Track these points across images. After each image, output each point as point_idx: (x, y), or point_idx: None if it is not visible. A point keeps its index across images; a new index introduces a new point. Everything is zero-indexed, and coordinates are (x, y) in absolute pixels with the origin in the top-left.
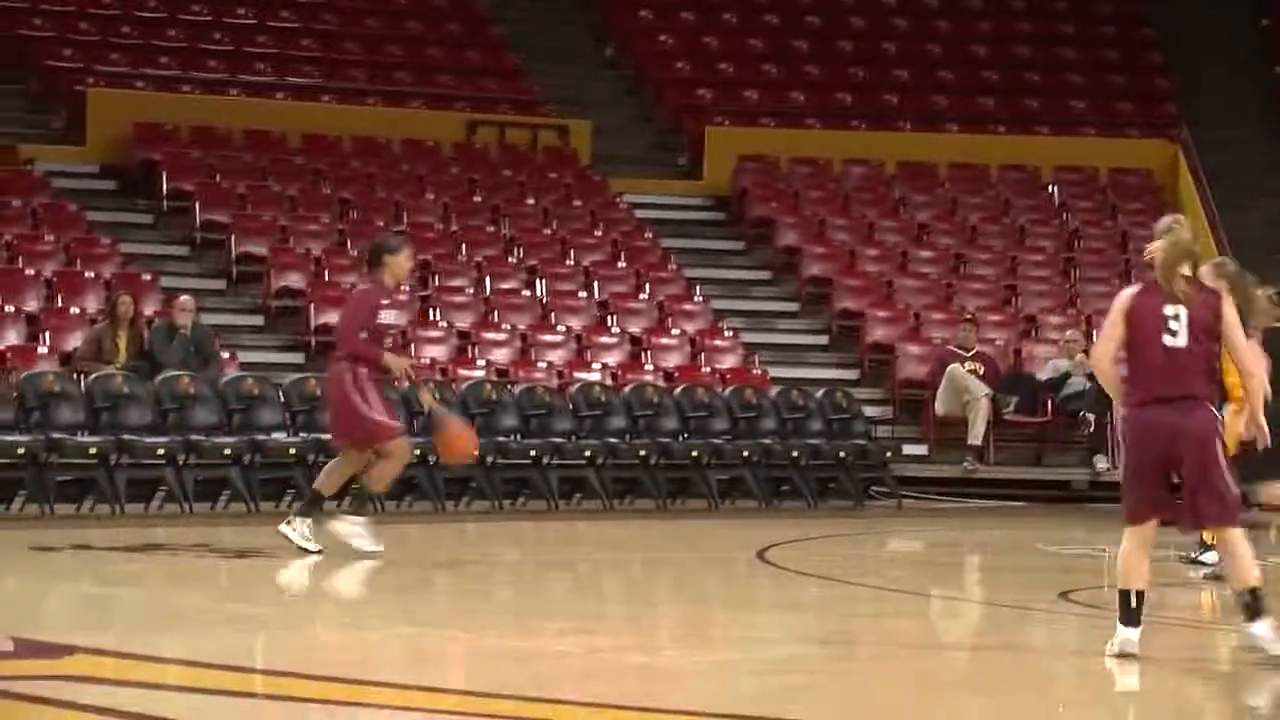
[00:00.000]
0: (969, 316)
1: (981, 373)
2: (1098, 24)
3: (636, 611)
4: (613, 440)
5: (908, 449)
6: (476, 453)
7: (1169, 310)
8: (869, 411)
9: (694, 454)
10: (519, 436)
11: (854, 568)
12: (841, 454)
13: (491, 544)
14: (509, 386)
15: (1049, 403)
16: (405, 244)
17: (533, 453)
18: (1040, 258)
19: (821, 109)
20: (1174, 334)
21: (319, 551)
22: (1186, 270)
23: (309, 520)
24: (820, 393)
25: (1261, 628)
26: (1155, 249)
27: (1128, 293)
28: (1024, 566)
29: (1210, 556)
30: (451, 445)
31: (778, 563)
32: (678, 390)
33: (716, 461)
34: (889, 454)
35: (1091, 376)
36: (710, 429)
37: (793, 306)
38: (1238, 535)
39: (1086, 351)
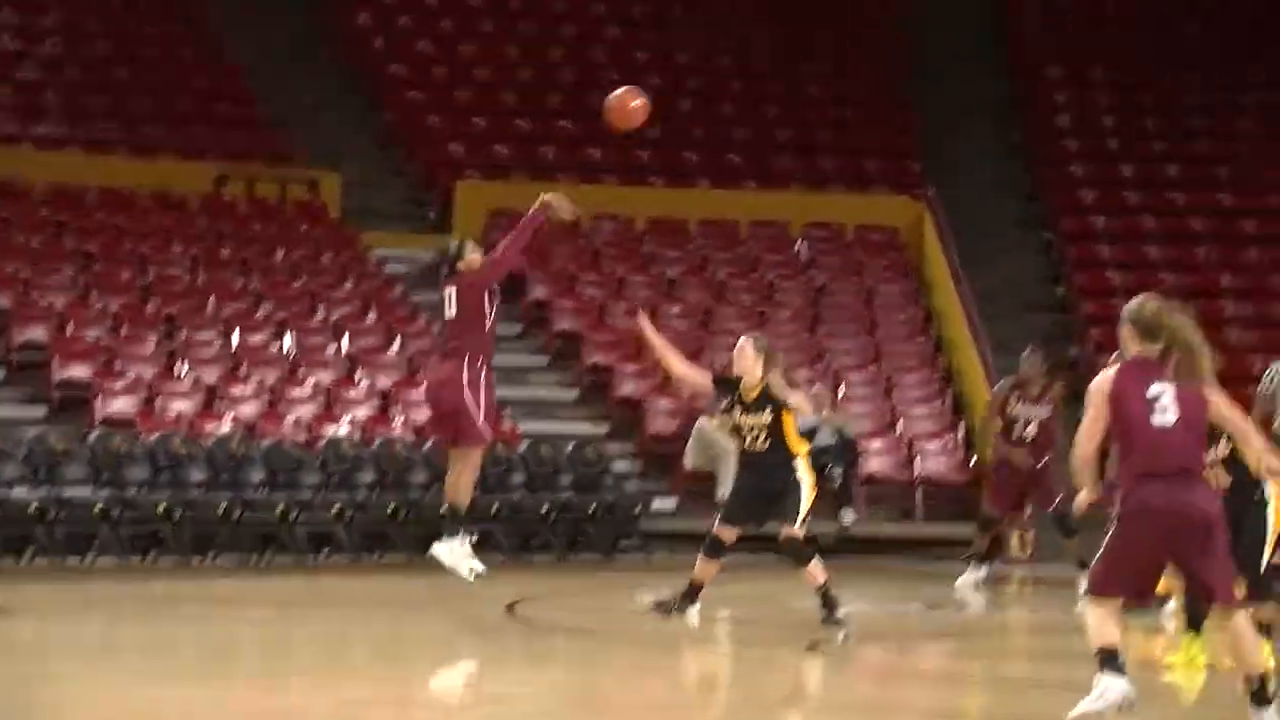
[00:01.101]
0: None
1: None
2: (847, 82)
3: (386, 667)
4: (361, 495)
5: (657, 503)
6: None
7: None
8: (619, 465)
9: (442, 509)
10: (266, 491)
11: (603, 622)
12: (590, 508)
13: (240, 599)
14: (256, 441)
15: None
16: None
17: (280, 508)
18: (788, 313)
19: (573, 164)
20: (1163, 411)
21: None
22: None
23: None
24: (570, 447)
25: (1270, 714)
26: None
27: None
28: (773, 620)
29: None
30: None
31: (528, 617)
32: (427, 445)
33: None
34: (638, 508)
35: (840, 431)
36: None
37: (542, 360)
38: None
39: (834, 406)
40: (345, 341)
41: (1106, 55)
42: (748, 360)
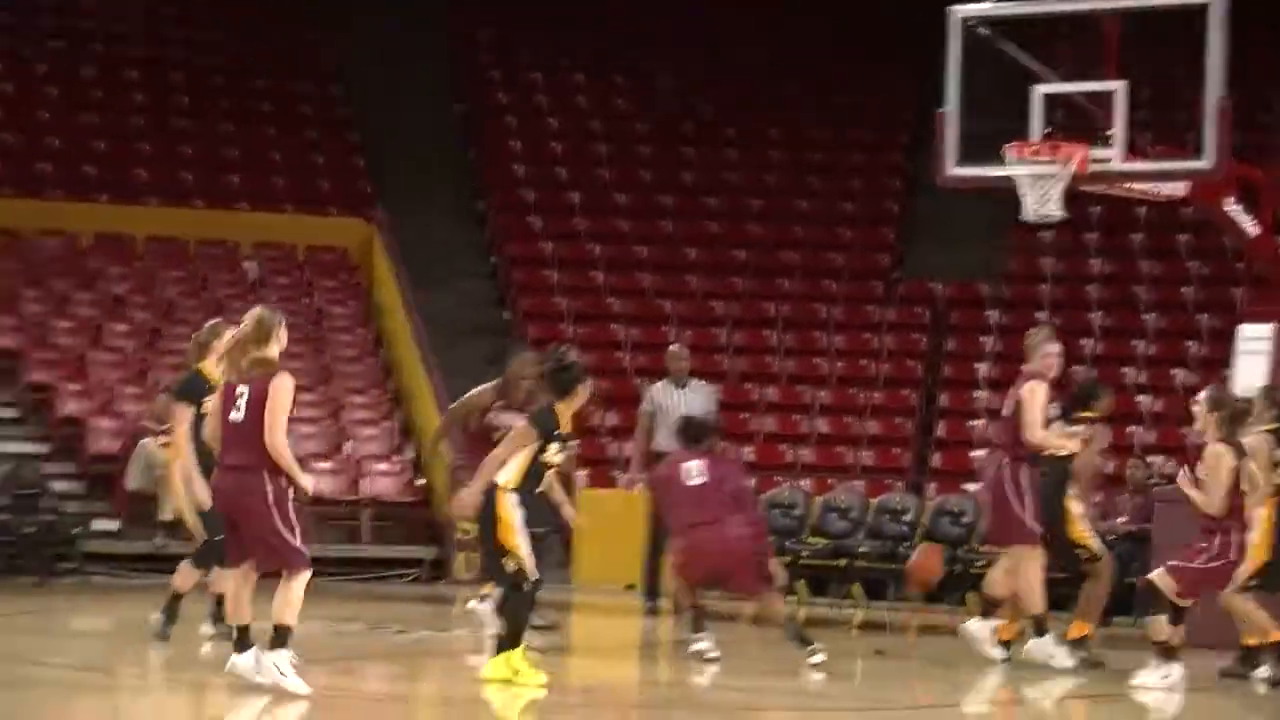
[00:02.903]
0: (165, 390)
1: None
2: (297, 102)
3: None
4: None
5: (99, 524)
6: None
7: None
8: (61, 486)
9: None
10: None
11: (38, 646)
12: (26, 529)
13: None
14: None
15: None
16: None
17: None
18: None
19: (15, 177)
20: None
21: None
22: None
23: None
24: (8, 467)
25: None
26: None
27: None
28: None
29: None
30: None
31: None
32: None
33: None
34: (77, 529)
35: None
36: None
37: None
38: None
39: None
40: None
41: (556, 84)
42: None
